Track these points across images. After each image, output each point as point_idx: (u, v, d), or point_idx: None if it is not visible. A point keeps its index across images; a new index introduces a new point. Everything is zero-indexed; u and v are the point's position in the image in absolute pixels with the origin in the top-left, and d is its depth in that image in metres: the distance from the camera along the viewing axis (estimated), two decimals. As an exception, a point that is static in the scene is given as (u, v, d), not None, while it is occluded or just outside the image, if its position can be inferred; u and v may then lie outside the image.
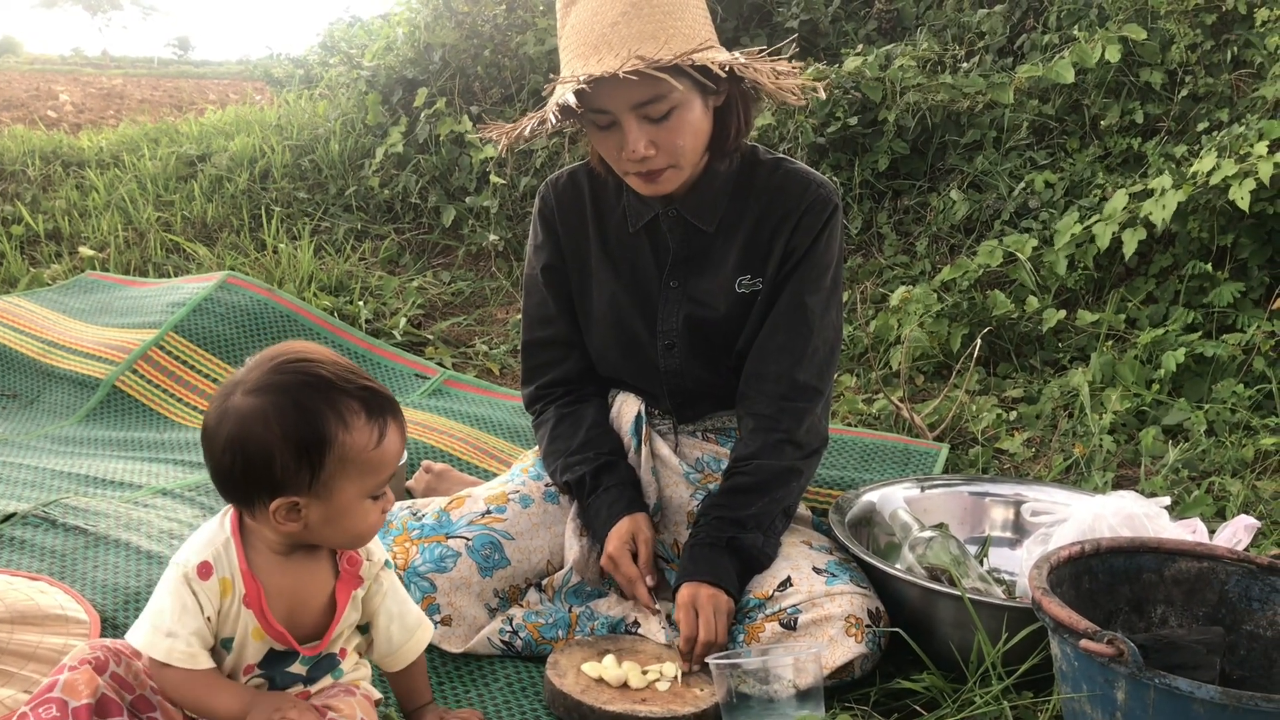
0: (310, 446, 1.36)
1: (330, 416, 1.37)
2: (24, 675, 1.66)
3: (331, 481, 1.38)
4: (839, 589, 1.85)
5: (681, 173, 1.86)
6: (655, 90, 1.71)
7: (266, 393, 1.37)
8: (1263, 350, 3.15)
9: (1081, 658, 1.52)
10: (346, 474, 1.39)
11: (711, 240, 1.97)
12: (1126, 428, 3.02)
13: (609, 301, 2.03)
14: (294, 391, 1.37)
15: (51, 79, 13.40)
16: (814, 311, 1.93)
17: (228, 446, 1.37)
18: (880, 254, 4.17)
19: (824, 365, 1.95)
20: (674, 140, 1.79)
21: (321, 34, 7.00)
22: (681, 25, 1.74)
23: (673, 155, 1.81)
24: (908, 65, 4.34)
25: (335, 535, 1.44)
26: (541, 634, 1.92)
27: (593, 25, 1.75)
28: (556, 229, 2.06)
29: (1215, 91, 3.93)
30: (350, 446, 1.38)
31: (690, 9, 1.78)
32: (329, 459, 1.37)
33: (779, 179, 1.96)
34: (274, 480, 1.37)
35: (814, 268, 1.93)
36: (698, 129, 1.82)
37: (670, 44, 1.72)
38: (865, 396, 3.37)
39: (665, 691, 1.75)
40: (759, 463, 1.91)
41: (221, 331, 3.36)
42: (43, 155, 5.50)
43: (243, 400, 1.37)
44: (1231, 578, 1.75)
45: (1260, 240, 3.45)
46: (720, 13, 5.15)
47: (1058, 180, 3.99)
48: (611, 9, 1.74)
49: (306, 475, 1.37)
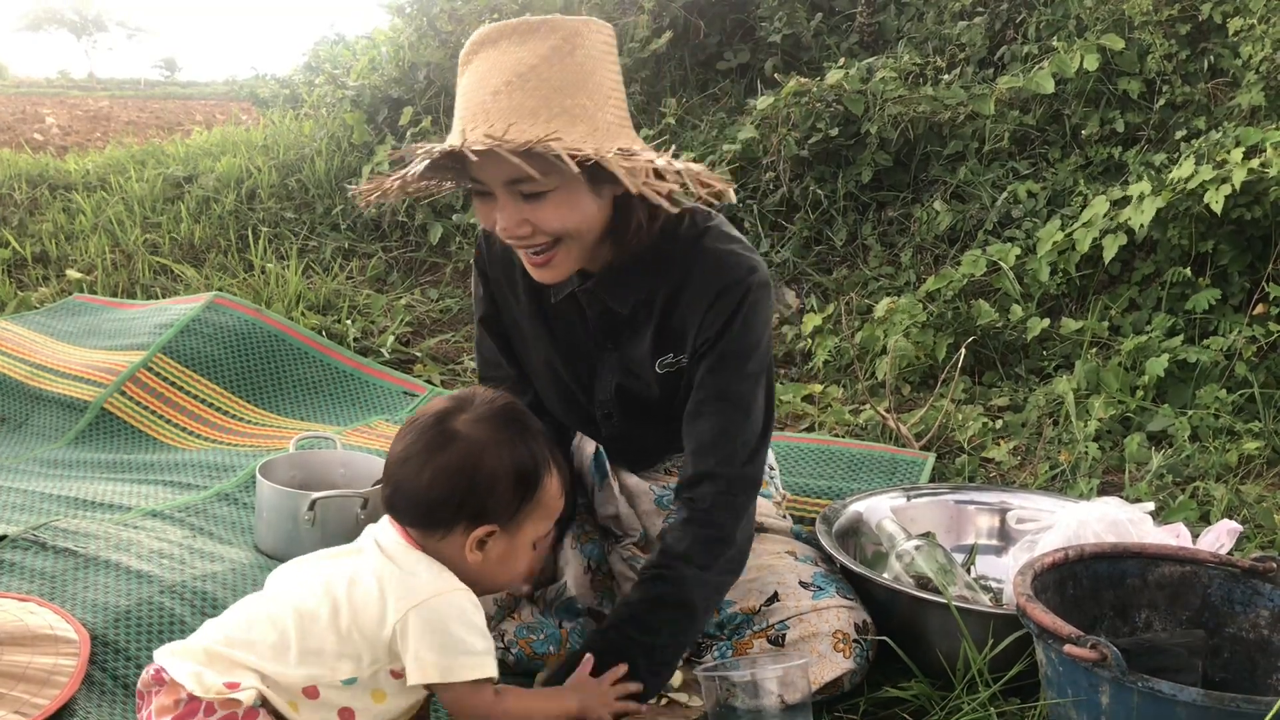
0: (528, 481, 1.49)
1: (543, 459, 1.51)
2: (14, 696, 1.67)
3: (523, 519, 1.50)
4: (826, 603, 1.85)
5: (571, 257, 1.71)
6: (525, 171, 1.54)
7: (498, 426, 1.50)
8: (1244, 355, 3.18)
9: (1066, 663, 1.53)
10: (535, 515, 1.52)
11: (629, 320, 1.85)
12: (1111, 434, 3.04)
13: (544, 363, 1.96)
14: (520, 430, 1.51)
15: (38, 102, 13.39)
16: (743, 399, 1.77)
17: (454, 470, 1.47)
18: (865, 265, 4.20)
19: (757, 453, 1.79)
20: (549, 222, 1.63)
21: (306, 54, 7.02)
22: (570, 104, 1.59)
23: (552, 237, 1.67)
24: (889, 78, 4.37)
25: (500, 573, 1.53)
26: (534, 649, 1.92)
27: (478, 91, 1.62)
28: (489, 283, 1.97)
29: (1193, 100, 3.98)
30: (548, 490, 1.52)
31: (588, 87, 1.62)
32: (533, 497, 1.50)
33: (694, 259, 1.77)
34: (485, 506, 1.48)
35: (735, 355, 1.77)
36: (580, 215, 1.65)
37: (551, 123, 1.57)
38: (852, 407, 3.39)
39: (654, 704, 1.76)
40: (688, 571, 1.71)
41: (210, 352, 3.37)
42: (29, 179, 5.50)
43: (474, 429, 1.49)
44: (1214, 581, 1.77)
45: (1239, 246, 3.48)
46: (704, 29, 5.19)
47: (1040, 190, 4.02)
48: (496, 77, 1.60)
49: (513, 507, 1.49)
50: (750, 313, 1.76)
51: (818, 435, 3.19)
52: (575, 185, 1.62)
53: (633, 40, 5.15)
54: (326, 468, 2.48)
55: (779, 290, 4.20)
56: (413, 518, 1.50)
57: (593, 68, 1.63)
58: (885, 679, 1.87)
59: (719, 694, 1.67)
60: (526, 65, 1.59)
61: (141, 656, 1.81)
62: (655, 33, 5.17)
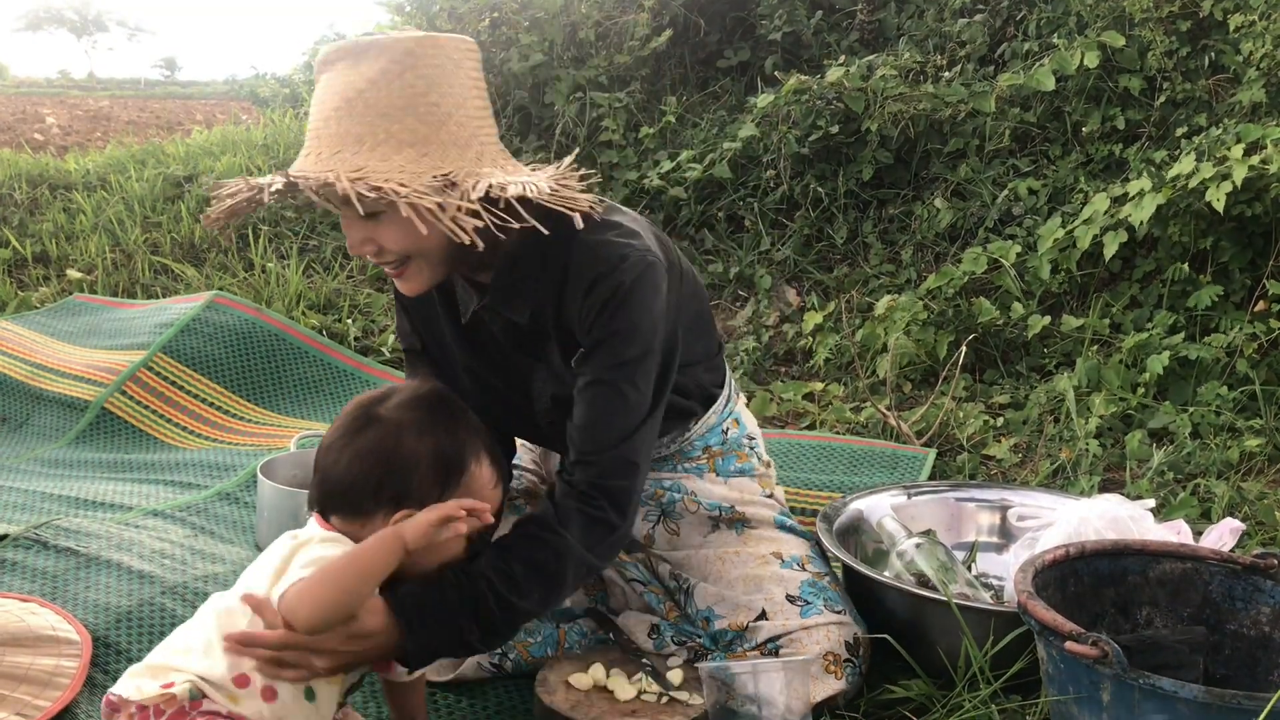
0: (451, 466, 1.51)
1: (471, 447, 1.53)
2: (16, 698, 1.67)
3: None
4: (814, 621, 1.83)
5: (424, 274, 1.68)
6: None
7: (421, 409, 1.52)
8: (1245, 352, 3.18)
9: (1067, 660, 1.53)
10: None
11: (533, 330, 1.81)
12: (1112, 432, 3.04)
13: (472, 376, 1.92)
14: (446, 416, 1.53)
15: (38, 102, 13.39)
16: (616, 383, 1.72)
17: (371, 451, 1.48)
18: (866, 263, 4.20)
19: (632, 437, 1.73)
20: (389, 241, 1.62)
21: (306, 53, 7.03)
22: (396, 128, 1.57)
23: (399, 254, 1.64)
24: (890, 75, 4.37)
25: (427, 560, 1.50)
26: (531, 654, 1.92)
27: (316, 115, 1.62)
28: (411, 312, 1.94)
29: (1193, 97, 3.98)
30: (477, 479, 1.53)
31: (419, 109, 1.59)
32: (457, 483, 1.51)
33: (570, 255, 1.73)
34: (407, 489, 1.48)
35: (610, 340, 1.71)
36: (419, 235, 1.58)
37: (376, 150, 1.55)
38: (853, 405, 3.39)
39: (654, 703, 1.76)
40: (571, 546, 1.66)
41: (210, 351, 3.37)
42: (29, 179, 5.50)
43: (395, 412, 1.51)
44: (1215, 578, 1.77)
45: (1240, 243, 3.48)
46: (704, 27, 5.19)
47: (1041, 187, 4.02)
48: (329, 102, 1.59)
49: (435, 492, 1.49)
50: (625, 297, 1.70)
51: (819, 433, 3.19)
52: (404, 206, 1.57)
53: (633, 38, 5.15)
54: (327, 467, 2.48)
55: (779, 288, 4.21)
56: (335, 505, 1.50)
57: (425, 88, 1.59)
58: (886, 677, 1.87)
59: (719, 692, 1.67)
60: (355, 90, 1.58)
61: (143, 658, 1.81)
62: (655, 31, 5.17)
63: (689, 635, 1.91)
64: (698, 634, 1.90)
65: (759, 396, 3.45)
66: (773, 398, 3.49)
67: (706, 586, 1.93)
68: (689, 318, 1.90)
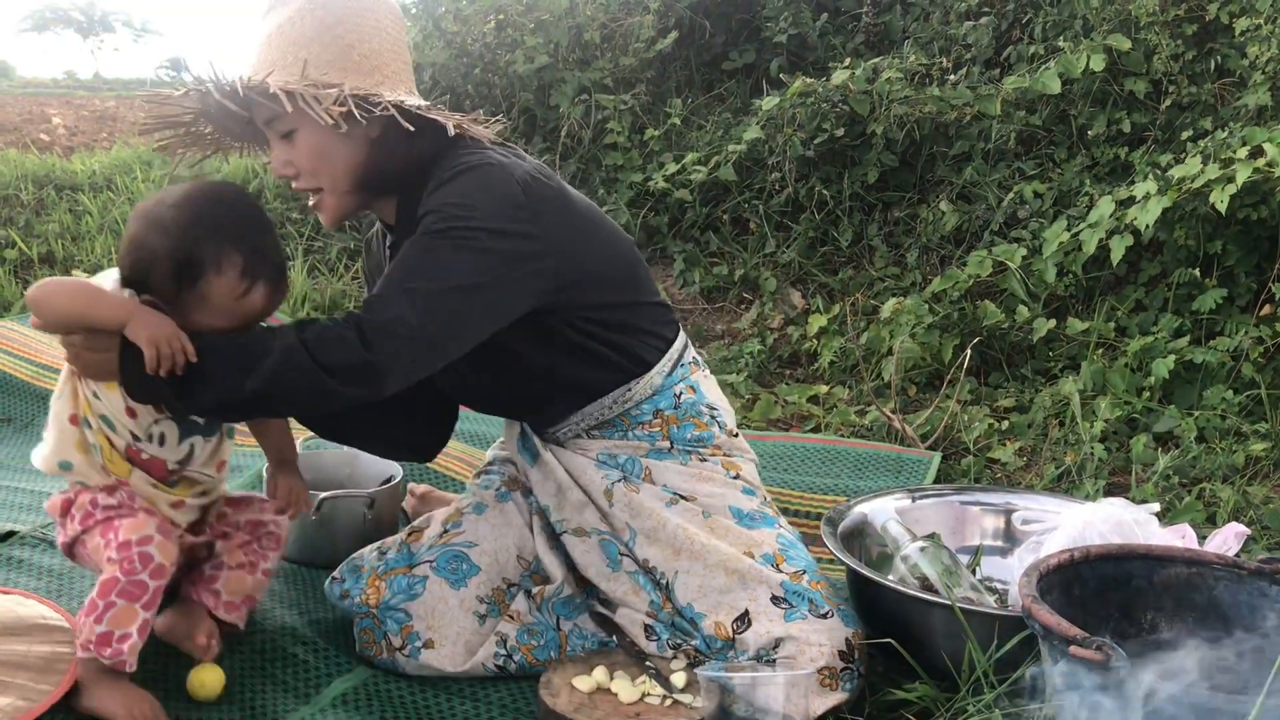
0: (184, 269, 1.66)
1: (211, 256, 1.65)
2: (19, 684, 1.68)
3: (188, 309, 1.67)
4: (800, 630, 1.79)
5: (329, 200, 1.87)
6: (274, 111, 1.77)
7: (182, 210, 1.68)
8: (1251, 356, 3.18)
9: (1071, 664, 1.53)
10: (204, 309, 1.67)
11: None
12: (1118, 435, 3.03)
13: None
14: (200, 222, 1.66)
15: (44, 102, 13.40)
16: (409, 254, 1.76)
17: (128, 240, 1.70)
18: (871, 266, 4.20)
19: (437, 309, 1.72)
20: (300, 159, 1.83)
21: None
22: (305, 54, 1.79)
23: (311, 177, 1.85)
24: (895, 78, 4.37)
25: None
26: (535, 656, 1.92)
27: (250, 50, 1.86)
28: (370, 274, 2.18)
29: (1199, 100, 3.97)
30: (214, 287, 1.66)
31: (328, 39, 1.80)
32: (195, 287, 1.66)
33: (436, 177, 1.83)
34: (145, 281, 1.68)
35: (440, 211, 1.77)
36: (327, 153, 1.82)
37: (288, 69, 1.78)
38: (857, 408, 3.38)
39: (658, 705, 1.76)
40: (288, 331, 1.69)
41: (215, 352, 3.37)
42: (36, 179, 5.51)
43: (160, 209, 1.69)
44: (1220, 583, 1.76)
45: (1246, 247, 3.47)
46: (709, 29, 5.19)
47: (1046, 190, 4.02)
48: (260, 36, 1.85)
49: (173, 289, 1.66)
50: (458, 174, 1.79)
51: (823, 436, 3.19)
52: (312, 125, 1.78)
53: (638, 40, 5.15)
54: (333, 467, 2.49)
55: (784, 290, 4.21)
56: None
57: (333, 22, 1.81)
58: (890, 681, 1.86)
59: (720, 697, 1.67)
60: (275, 26, 1.83)
61: (150, 654, 1.81)
62: (661, 33, 5.17)
63: (684, 639, 1.90)
64: (692, 637, 1.90)
65: (763, 399, 3.45)
66: (777, 400, 3.49)
67: (687, 578, 1.89)
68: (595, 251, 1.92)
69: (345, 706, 1.81)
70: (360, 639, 1.94)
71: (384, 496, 2.32)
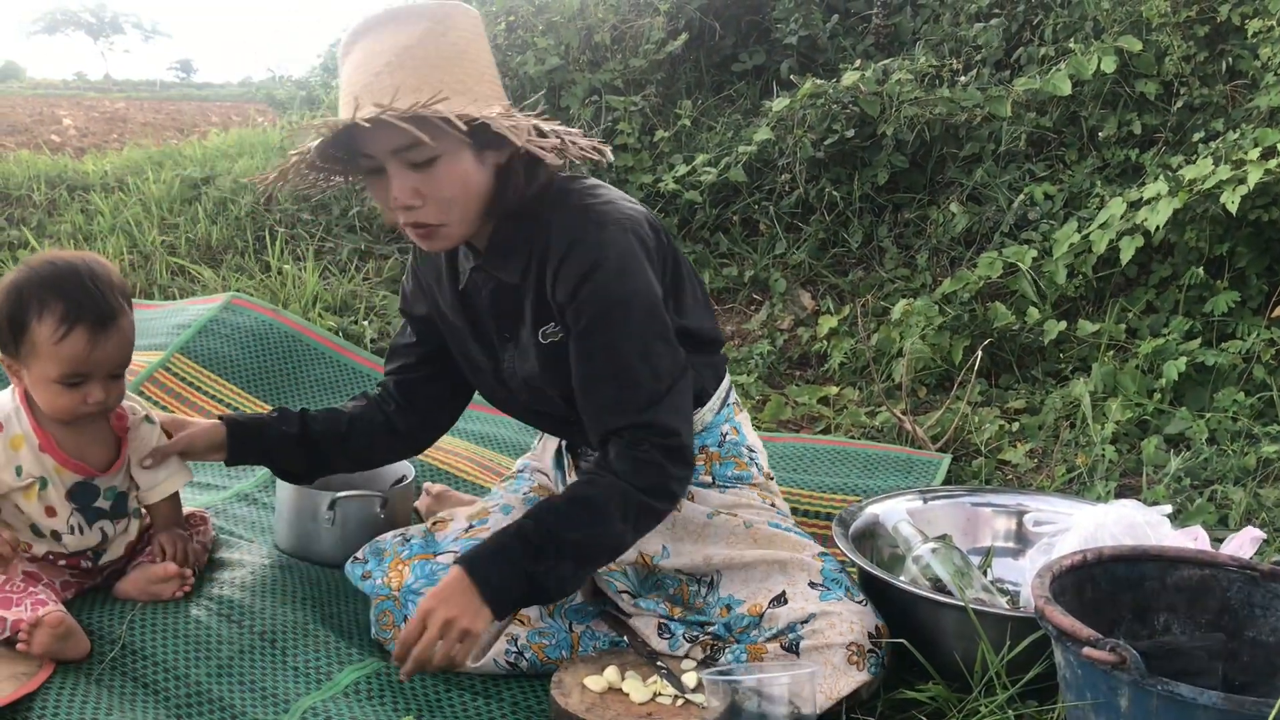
0: (14, 324, 1.78)
1: (35, 308, 1.77)
2: None
3: (28, 358, 1.80)
4: (835, 607, 1.82)
5: (453, 230, 1.78)
6: (410, 138, 1.64)
7: (15, 274, 1.81)
8: (1263, 358, 3.17)
9: (1085, 666, 1.53)
10: (35, 355, 1.78)
11: (520, 293, 1.88)
12: (1129, 437, 3.03)
13: (466, 353, 2.02)
14: (31, 281, 1.78)
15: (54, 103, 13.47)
16: (625, 358, 1.77)
17: None
18: (881, 267, 4.20)
19: (659, 403, 1.77)
20: (438, 190, 1.72)
21: (323, 55, 7.05)
22: (448, 78, 1.69)
23: (441, 209, 1.74)
24: (905, 79, 4.37)
25: (41, 403, 1.84)
26: (546, 654, 1.93)
27: (359, 75, 1.72)
28: (422, 281, 2.05)
29: (1211, 102, 3.96)
30: (36, 335, 1.77)
31: (462, 63, 1.72)
32: (25, 338, 1.78)
33: (556, 221, 1.81)
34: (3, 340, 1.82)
35: (603, 315, 1.76)
36: (467, 182, 1.74)
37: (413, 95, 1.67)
38: (868, 409, 3.38)
39: (669, 706, 1.76)
40: (614, 480, 1.74)
41: (227, 353, 3.38)
42: (48, 180, 5.53)
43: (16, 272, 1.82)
44: (1233, 585, 1.76)
45: (1258, 249, 3.46)
46: (719, 31, 5.19)
47: (1056, 192, 4.01)
48: (377, 59, 1.70)
49: (14, 346, 1.80)
50: (610, 266, 1.75)
51: (833, 437, 3.19)
52: (460, 151, 1.71)
53: (648, 42, 5.16)
54: (344, 468, 2.49)
55: (794, 291, 4.21)
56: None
57: (465, 47, 1.74)
58: (902, 681, 1.87)
59: (725, 698, 1.67)
60: (402, 46, 1.70)
61: (161, 658, 1.82)
62: (671, 34, 5.18)
63: (700, 629, 1.91)
64: (710, 624, 1.90)
65: (773, 400, 3.45)
66: (787, 401, 3.49)
67: (730, 573, 1.93)
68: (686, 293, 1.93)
69: (357, 695, 1.82)
70: (378, 621, 1.94)
71: (397, 496, 2.33)
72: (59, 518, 1.91)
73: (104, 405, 1.85)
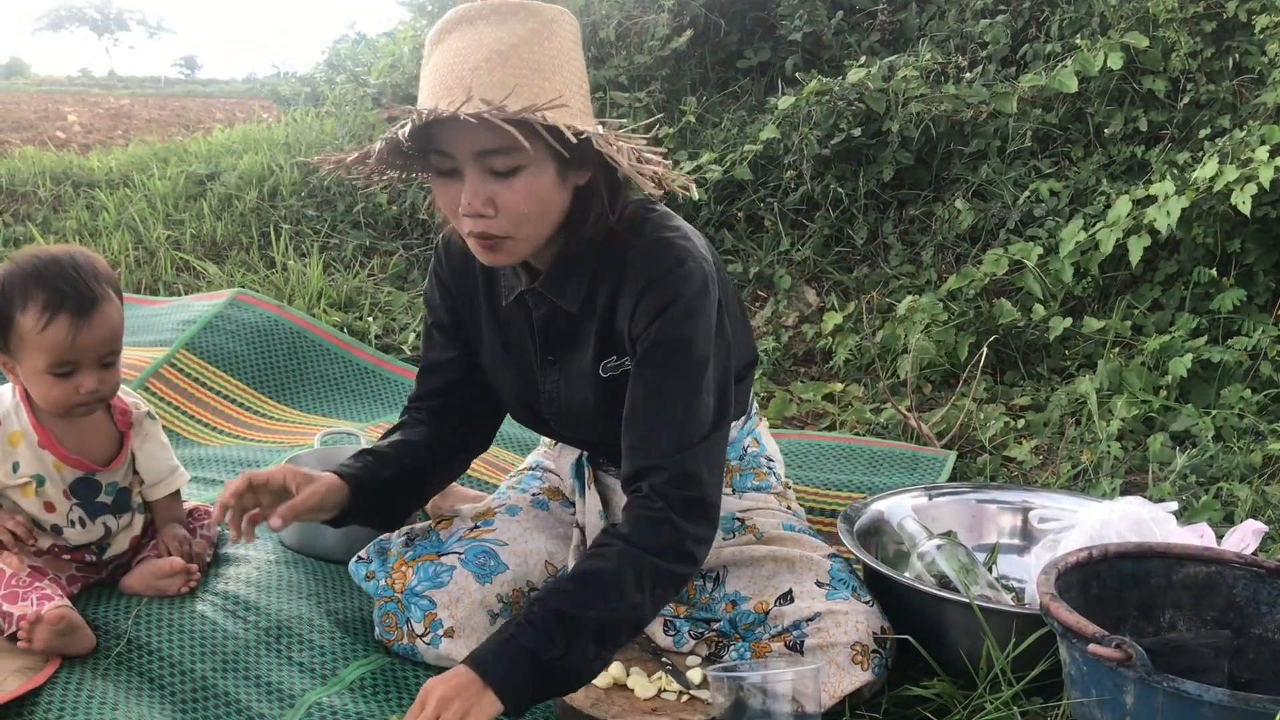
0: (1, 319, 1.81)
1: (19, 300, 1.80)
2: None
3: (18, 351, 1.83)
4: (841, 605, 1.82)
5: (519, 246, 1.67)
6: (502, 141, 1.53)
7: (5, 270, 1.83)
8: (1269, 355, 3.16)
9: (1090, 662, 1.53)
10: (24, 348, 1.81)
11: (577, 320, 1.80)
12: (1134, 434, 3.03)
13: (498, 369, 1.94)
14: (14, 275, 1.81)
15: (59, 100, 13.49)
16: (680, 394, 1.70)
17: None
18: (886, 264, 4.19)
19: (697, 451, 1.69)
20: (515, 203, 1.60)
21: (327, 52, 7.06)
22: (549, 86, 1.58)
23: (513, 223, 1.62)
24: (911, 76, 4.36)
25: (36, 396, 1.87)
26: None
27: (453, 67, 1.59)
28: (447, 293, 1.95)
29: (1217, 98, 3.95)
30: (21, 326, 1.80)
31: (565, 73, 1.61)
32: (12, 331, 1.81)
33: (630, 248, 1.73)
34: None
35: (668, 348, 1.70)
36: (545, 199, 1.63)
37: (534, 102, 1.55)
38: (873, 406, 3.38)
39: (674, 701, 1.76)
40: (624, 547, 1.63)
41: (233, 348, 3.39)
42: (53, 176, 5.54)
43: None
44: (1239, 582, 1.76)
45: (1266, 246, 3.46)
46: (724, 27, 5.19)
47: (1062, 189, 4.01)
48: (476, 53, 1.57)
49: (4, 342, 1.83)
50: (684, 304, 1.69)
51: (838, 434, 3.19)
52: (545, 166, 1.61)
53: (653, 39, 5.15)
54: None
55: (799, 288, 4.20)
56: None
57: (568, 55, 1.63)
58: (907, 678, 1.86)
59: (729, 694, 1.67)
60: (507, 44, 1.57)
61: (167, 653, 1.82)
62: (676, 31, 5.17)
63: (705, 625, 1.91)
64: (715, 620, 1.90)
65: (778, 397, 3.44)
66: (792, 398, 3.49)
67: (738, 570, 1.94)
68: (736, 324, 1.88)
69: (362, 690, 1.82)
70: (382, 623, 1.94)
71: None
72: (58, 513, 1.93)
73: (97, 394, 1.86)
